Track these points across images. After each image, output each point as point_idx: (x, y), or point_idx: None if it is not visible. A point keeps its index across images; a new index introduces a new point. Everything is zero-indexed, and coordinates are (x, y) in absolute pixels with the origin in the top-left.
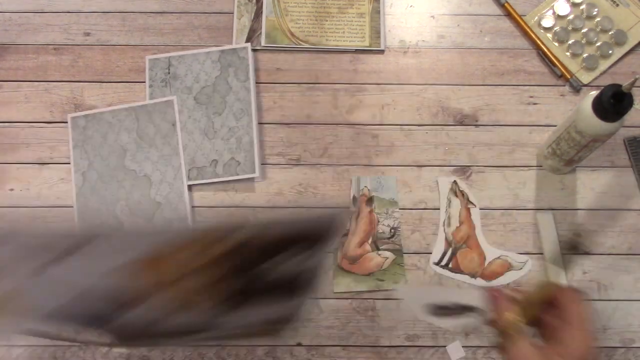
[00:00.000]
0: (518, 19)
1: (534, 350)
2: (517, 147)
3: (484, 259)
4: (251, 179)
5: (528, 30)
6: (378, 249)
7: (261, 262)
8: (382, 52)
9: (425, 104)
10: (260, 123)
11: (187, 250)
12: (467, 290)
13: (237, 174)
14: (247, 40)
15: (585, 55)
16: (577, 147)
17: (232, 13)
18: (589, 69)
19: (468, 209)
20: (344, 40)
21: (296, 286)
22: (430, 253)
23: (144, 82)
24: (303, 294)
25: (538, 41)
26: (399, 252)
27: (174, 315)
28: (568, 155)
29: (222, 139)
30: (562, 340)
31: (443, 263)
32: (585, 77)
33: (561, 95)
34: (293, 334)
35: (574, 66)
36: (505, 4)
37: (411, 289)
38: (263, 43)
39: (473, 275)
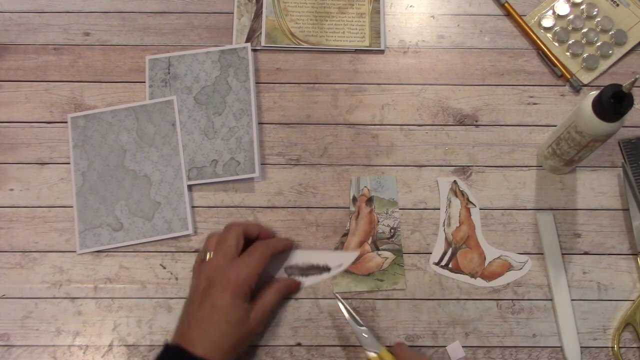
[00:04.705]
0: (518, 19)
1: None
2: (517, 147)
3: (484, 259)
4: (251, 179)
5: (528, 30)
6: (378, 249)
7: None
8: (382, 52)
9: (425, 104)
10: (260, 123)
11: None
12: (328, 253)
13: (237, 174)
14: (247, 40)
15: (585, 55)
16: (577, 147)
17: (232, 13)
18: (589, 69)
19: (468, 209)
20: (343, 40)
21: None
22: (430, 253)
23: (144, 82)
24: None
25: (538, 41)
26: (398, 252)
27: None
28: (568, 155)
29: (222, 139)
30: None
31: (443, 263)
32: (585, 77)
33: (561, 95)
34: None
35: (574, 66)
36: (505, 4)
37: None
38: (263, 43)
39: (473, 275)
